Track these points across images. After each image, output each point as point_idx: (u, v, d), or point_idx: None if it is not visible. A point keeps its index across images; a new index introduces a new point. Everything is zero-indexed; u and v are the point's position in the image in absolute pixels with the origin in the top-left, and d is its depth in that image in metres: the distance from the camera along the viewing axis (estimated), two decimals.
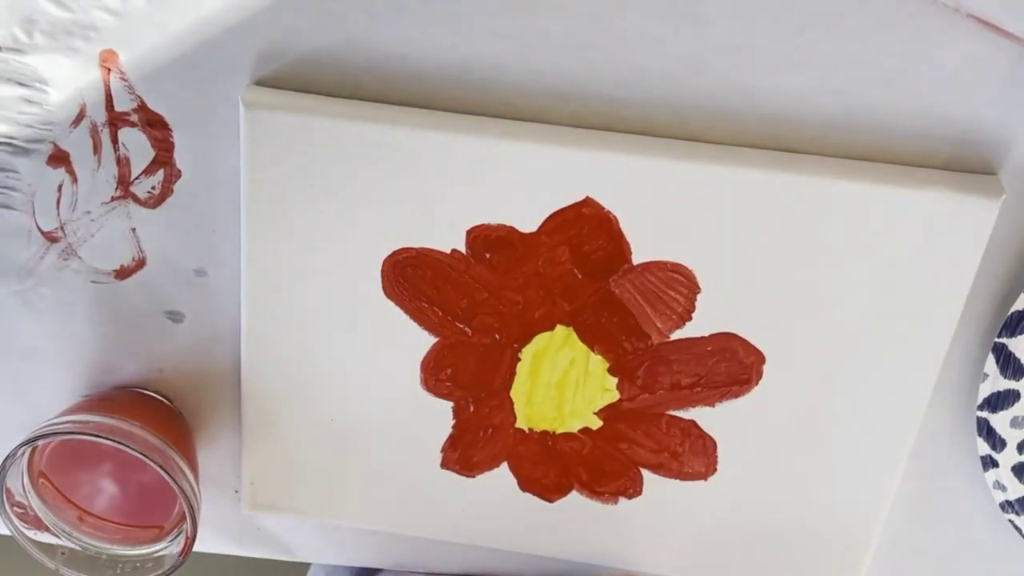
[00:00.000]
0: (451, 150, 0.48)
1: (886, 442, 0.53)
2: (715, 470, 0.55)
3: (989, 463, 0.54)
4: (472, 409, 0.55)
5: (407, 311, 0.52)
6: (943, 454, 0.55)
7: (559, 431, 0.55)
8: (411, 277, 0.52)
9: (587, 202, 0.49)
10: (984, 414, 0.52)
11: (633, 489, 0.56)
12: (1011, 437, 0.52)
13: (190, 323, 0.56)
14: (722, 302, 0.50)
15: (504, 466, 0.57)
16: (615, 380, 0.53)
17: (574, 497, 0.57)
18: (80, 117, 0.50)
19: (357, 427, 0.56)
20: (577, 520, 0.58)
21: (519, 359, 0.53)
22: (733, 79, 0.47)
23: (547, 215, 0.49)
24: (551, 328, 0.52)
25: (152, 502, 0.56)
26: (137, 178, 0.52)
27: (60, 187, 0.52)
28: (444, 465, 0.57)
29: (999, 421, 0.52)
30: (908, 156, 0.48)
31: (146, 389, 0.58)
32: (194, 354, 0.57)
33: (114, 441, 0.51)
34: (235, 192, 0.51)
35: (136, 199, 0.52)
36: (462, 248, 0.51)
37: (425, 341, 0.53)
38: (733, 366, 0.52)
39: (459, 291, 0.52)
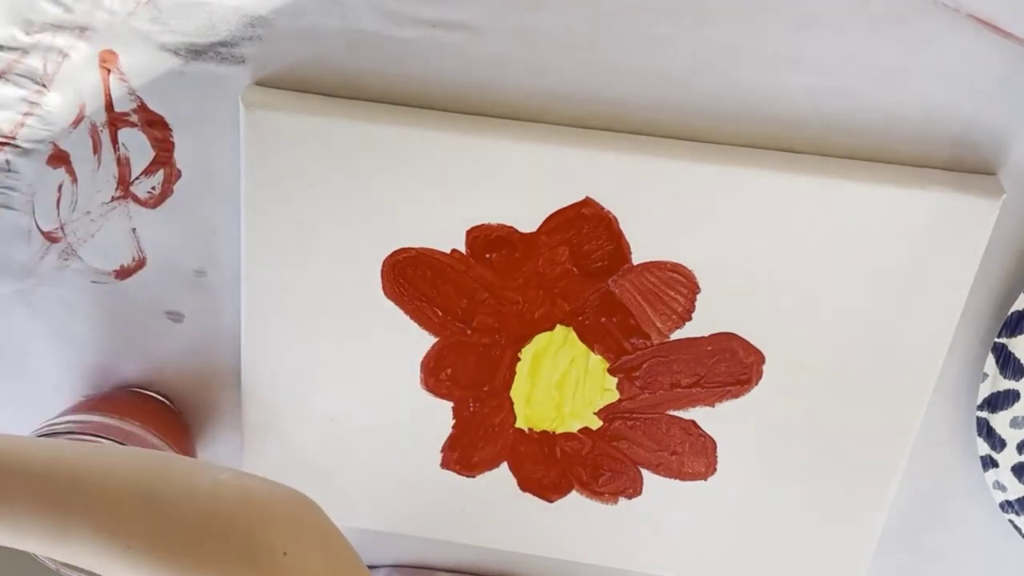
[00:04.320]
0: (451, 150, 0.48)
1: (886, 442, 0.53)
2: (715, 470, 0.55)
3: (989, 463, 0.54)
4: (472, 409, 0.55)
5: (407, 311, 0.52)
6: (943, 454, 0.55)
7: (559, 431, 0.55)
8: (411, 277, 0.52)
9: (587, 202, 0.49)
10: (984, 414, 0.52)
11: (633, 489, 0.56)
12: (1011, 437, 0.52)
13: (190, 323, 0.56)
14: (722, 302, 0.50)
15: (504, 466, 0.57)
16: (615, 380, 0.53)
17: (574, 497, 0.57)
18: (80, 117, 0.50)
19: (357, 427, 0.56)
20: (577, 520, 0.58)
21: (519, 359, 0.53)
22: (733, 79, 0.47)
23: (547, 215, 0.49)
24: (551, 328, 0.52)
25: None
26: (137, 178, 0.52)
27: (60, 187, 0.52)
28: (444, 465, 0.57)
29: (999, 421, 0.52)
30: (908, 156, 0.48)
31: (146, 389, 0.58)
32: (194, 354, 0.57)
33: (114, 441, 0.51)
34: (235, 192, 0.51)
35: (136, 199, 0.52)
36: (462, 248, 0.51)
37: (425, 341, 0.53)
38: (733, 366, 0.52)
39: (459, 291, 0.52)
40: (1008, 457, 0.53)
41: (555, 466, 0.56)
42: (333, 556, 0.39)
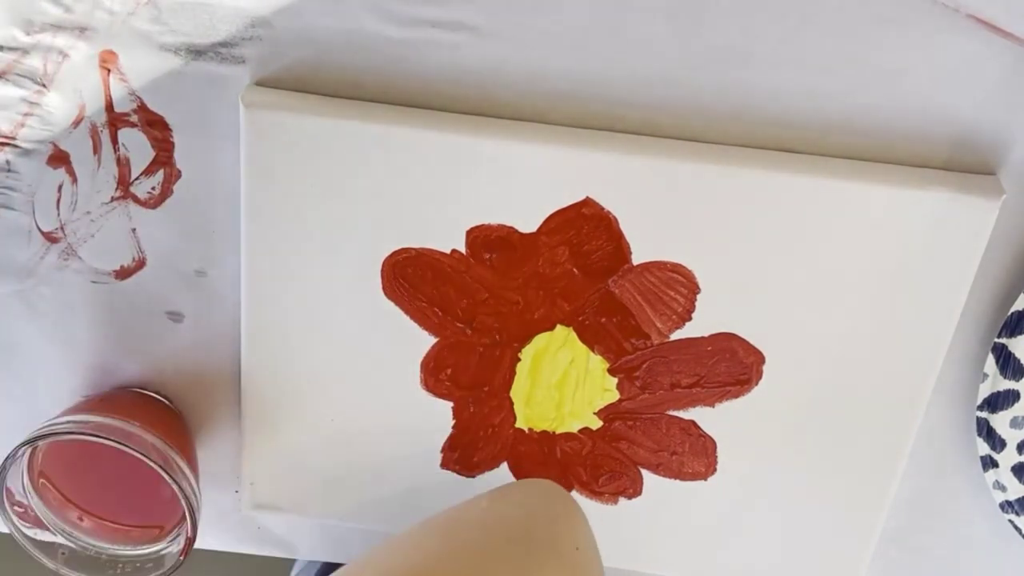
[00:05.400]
0: (451, 150, 0.48)
1: (886, 442, 0.53)
2: (715, 470, 0.55)
3: (989, 463, 0.54)
4: (472, 409, 0.55)
5: (407, 311, 0.52)
6: (943, 454, 0.55)
7: (559, 431, 0.55)
8: (411, 277, 0.52)
9: (587, 202, 0.49)
10: (984, 414, 0.52)
11: (633, 489, 0.56)
12: (1011, 437, 0.52)
13: (190, 323, 0.56)
14: (722, 302, 0.50)
15: (504, 466, 0.57)
16: (615, 380, 0.53)
17: (574, 497, 0.57)
18: (80, 118, 0.50)
19: (357, 427, 0.56)
20: None
21: (519, 359, 0.53)
22: (733, 79, 0.47)
23: (547, 215, 0.49)
24: (551, 328, 0.52)
25: (152, 502, 0.56)
26: (137, 178, 0.52)
27: (60, 187, 0.52)
28: (444, 465, 0.57)
29: (999, 421, 0.52)
30: (908, 156, 0.48)
31: (146, 389, 0.58)
32: (194, 354, 0.57)
33: (114, 441, 0.51)
34: (235, 192, 0.51)
35: (136, 199, 0.52)
36: (462, 248, 0.51)
37: (425, 341, 0.53)
38: (733, 366, 0.52)
39: (459, 291, 0.52)
40: (1008, 457, 0.53)
41: (555, 466, 0.56)
42: (596, 548, 0.42)
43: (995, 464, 0.53)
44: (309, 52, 0.48)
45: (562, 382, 0.54)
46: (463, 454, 0.56)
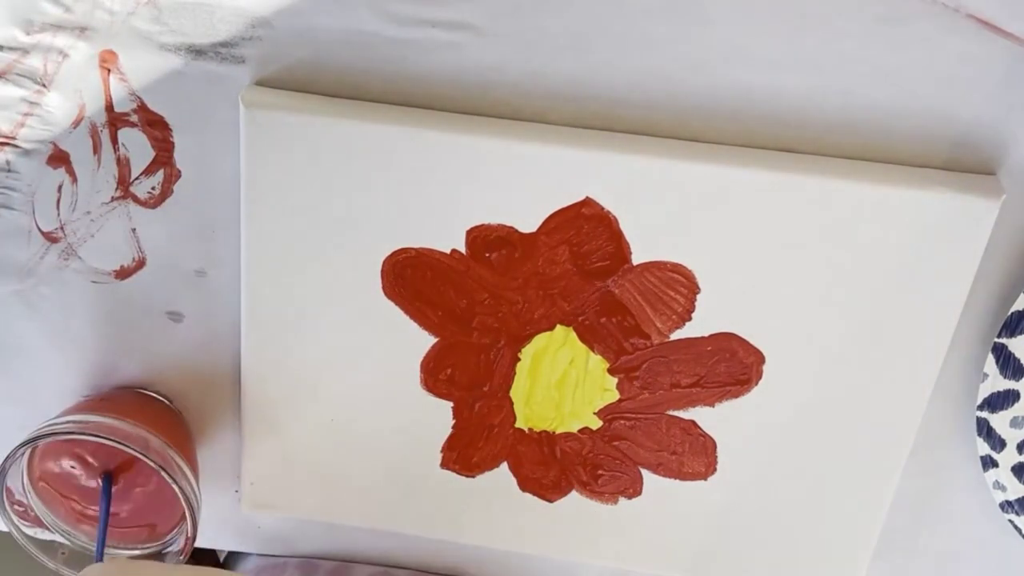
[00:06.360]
0: (451, 150, 0.48)
1: (886, 442, 0.53)
2: (715, 470, 0.55)
3: (989, 463, 0.54)
4: (472, 409, 0.55)
5: (407, 311, 0.52)
6: (943, 454, 0.55)
7: (559, 431, 0.55)
8: (411, 277, 0.52)
9: (587, 202, 0.49)
10: (984, 414, 0.52)
11: (633, 489, 0.56)
12: (1011, 437, 0.52)
13: (190, 323, 0.56)
14: (722, 302, 0.50)
15: (504, 466, 0.57)
16: (615, 380, 0.53)
17: (574, 497, 0.57)
18: (80, 117, 0.50)
19: (357, 427, 0.56)
20: (577, 520, 0.58)
21: (519, 359, 0.53)
22: (733, 79, 0.47)
23: (547, 215, 0.49)
24: (551, 328, 0.52)
25: (152, 502, 0.56)
26: (137, 178, 0.52)
27: (60, 187, 0.52)
28: (444, 465, 0.57)
29: (999, 421, 0.52)
30: (908, 156, 0.48)
31: (146, 389, 0.58)
32: (194, 354, 0.57)
33: (114, 441, 0.51)
34: (235, 192, 0.51)
35: (136, 199, 0.52)
36: (462, 248, 0.51)
37: (425, 341, 0.53)
38: (733, 366, 0.52)
39: (459, 291, 0.52)
40: (1008, 457, 0.53)
41: (555, 466, 0.56)
42: None
43: (995, 464, 0.53)
44: (309, 52, 0.48)
45: (562, 382, 0.54)
46: (463, 454, 0.56)
